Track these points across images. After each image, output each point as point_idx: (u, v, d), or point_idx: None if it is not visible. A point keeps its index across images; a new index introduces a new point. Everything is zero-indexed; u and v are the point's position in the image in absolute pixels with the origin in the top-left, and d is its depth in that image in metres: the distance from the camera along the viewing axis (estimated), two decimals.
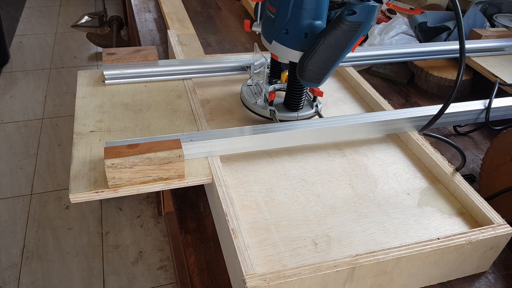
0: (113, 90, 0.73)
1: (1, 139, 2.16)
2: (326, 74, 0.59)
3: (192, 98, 0.72)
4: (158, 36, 1.15)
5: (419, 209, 0.59)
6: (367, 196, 0.60)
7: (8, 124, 2.26)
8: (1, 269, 1.56)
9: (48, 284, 1.53)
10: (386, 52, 0.89)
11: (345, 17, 0.53)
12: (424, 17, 1.10)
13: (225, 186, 0.55)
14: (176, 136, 0.58)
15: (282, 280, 0.45)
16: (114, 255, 1.66)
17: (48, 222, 1.75)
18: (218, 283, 0.55)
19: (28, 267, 1.58)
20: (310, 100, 0.73)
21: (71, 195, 0.52)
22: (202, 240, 0.60)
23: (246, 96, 0.73)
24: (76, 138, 0.61)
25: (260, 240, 0.52)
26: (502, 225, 0.54)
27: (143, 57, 0.76)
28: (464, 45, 0.55)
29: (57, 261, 1.61)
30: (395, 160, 0.67)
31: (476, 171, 0.75)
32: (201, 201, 0.65)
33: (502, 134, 0.67)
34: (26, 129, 2.24)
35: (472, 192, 0.59)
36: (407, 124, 0.69)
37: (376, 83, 1.00)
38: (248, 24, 0.70)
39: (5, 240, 1.67)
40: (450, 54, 0.94)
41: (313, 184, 0.61)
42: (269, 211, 0.56)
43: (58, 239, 1.68)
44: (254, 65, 0.74)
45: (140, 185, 0.54)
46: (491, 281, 0.57)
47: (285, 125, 0.64)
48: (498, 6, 1.16)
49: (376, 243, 0.53)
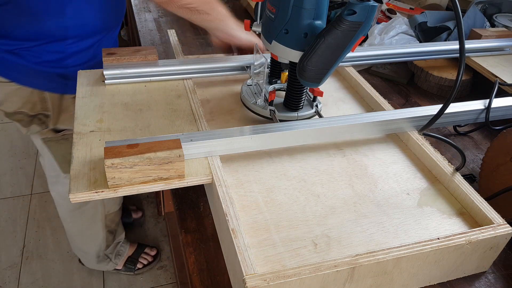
0: (113, 90, 0.73)
1: (1, 139, 2.16)
2: (326, 74, 0.59)
3: (192, 98, 0.72)
4: (158, 36, 1.15)
5: (419, 209, 0.59)
6: (367, 196, 0.60)
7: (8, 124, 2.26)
8: (1, 269, 1.56)
9: (48, 284, 1.53)
10: (386, 52, 0.89)
11: (345, 17, 0.53)
12: (424, 17, 1.10)
13: (225, 186, 0.55)
14: (176, 136, 0.58)
15: (282, 280, 0.45)
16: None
17: (48, 222, 1.75)
18: (218, 283, 0.55)
19: (28, 267, 1.58)
20: (310, 100, 0.73)
21: (71, 195, 0.52)
22: (202, 240, 0.60)
23: (246, 96, 0.73)
24: (76, 138, 0.61)
25: (260, 241, 0.52)
26: (502, 225, 0.54)
27: (143, 57, 0.76)
28: (464, 45, 0.55)
29: (57, 261, 1.61)
30: (395, 160, 0.67)
31: (476, 171, 0.75)
32: (201, 201, 0.65)
33: (502, 134, 0.67)
34: None
35: (472, 192, 0.59)
36: (407, 124, 0.69)
37: (376, 83, 1.00)
38: (248, 24, 0.70)
39: (5, 240, 1.67)
40: (450, 54, 0.94)
41: (313, 184, 0.61)
42: (269, 211, 0.56)
43: (58, 239, 1.68)
44: (254, 65, 0.74)
45: (140, 185, 0.54)
46: (491, 281, 0.57)
47: (285, 125, 0.64)
48: (498, 6, 1.16)
49: (376, 243, 0.53)
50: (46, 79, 0.94)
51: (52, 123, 1.03)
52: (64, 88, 0.97)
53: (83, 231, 1.35)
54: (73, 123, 0.64)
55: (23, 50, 0.89)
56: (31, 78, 0.94)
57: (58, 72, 0.93)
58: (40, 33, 0.87)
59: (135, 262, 1.56)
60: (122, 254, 1.52)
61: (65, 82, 0.95)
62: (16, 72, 0.92)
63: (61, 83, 0.96)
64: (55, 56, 0.91)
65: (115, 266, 1.52)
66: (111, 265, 1.50)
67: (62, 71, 0.93)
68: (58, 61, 0.92)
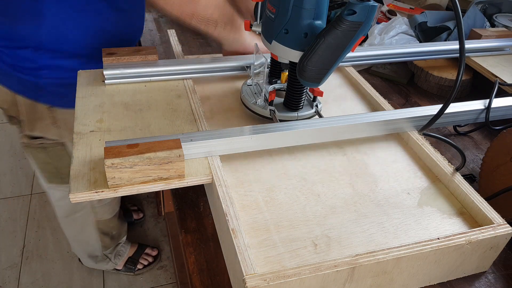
0: (113, 90, 0.73)
1: (1, 139, 2.16)
2: (326, 74, 0.59)
3: (192, 98, 0.72)
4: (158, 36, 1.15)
5: (419, 209, 0.59)
6: (367, 195, 0.60)
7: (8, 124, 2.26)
8: (1, 269, 1.56)
9: (48, 284, 1.53)
10: (386, 52, 0.89)
11: (345, 17, 0.53)
12: (424, 17, 1.10)
13: (225, 186, 0.55)
14: (176, 136, 0.58)
15: (282, 280, 0.45)
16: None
17: (48, 222, 1.75)
18: (218, 283, 0.55)
19: (28, 267, 1.58)
20: (310, 100, 0.73)
21: (71, 195, 0.52)
22: (202, 240, 0.60)
23: (246, 96, 0.73)
24: (76, 138, 0.61)
25: (260, 241, 0.52)
26: (502, 225, 0.54)
27: (143, 57, 0.76)
28: (464, 45, 0.55)
29: (57, 261, 1.61)
30: (396, 159, 0.67)
31: (476, 171, 0.75)
32: (201, 201, 0.65)
33: (502, 134, 0.67)
34: None
35: (472, 192, 0.59)
36: (407, 124, 0.69)
37: (376, 83, 1.00)
38: (248, 24, 0.70)
39: (5, 240, 1.67)
40: (450, 54, 0.94)
41: (314, 184, 0.61)
42: (269, 211, 0.56)
43: (58, 239, 1.68)
44: (254, 65, 0.74)
45: (140, 185, 0.54)
46: (491, 281, 0.57)
47: (285, 125, 0.64)
48: (498, 6, 1.16)
49: (376, 243, 0.53)
50: (18, 82, 0.88)
51: (27, 128, 0.97)
52: (36, 96, 0.91)
53: (77, 234, 1.35)
54: (51, 132, 0.62)
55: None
56: (4, 77, 0.89)
57: (30, 80, 0.87)
58: (14, 36, 0.82)
59: (136, 263, 1.56)
60: (123, 255, 1.52)
61: (37, 91, 0.89)
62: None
63: (34, 91, 0.90)
64: (27, 63, 0.85)
65: (115, 266, 1.52)
66: (110, 265, 1.50)
67: (35, 80, 0.87)
68: (31, 69, 0.85)
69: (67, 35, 0.83)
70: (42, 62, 0.85)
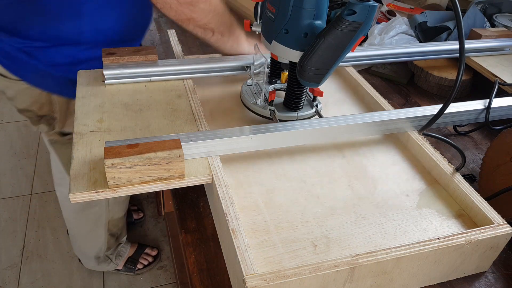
0: (113, 90, 0.73)
1: (1, 139, 2.16)
2: (326, 74, 0.59)
3: (192, 98, 0.72)
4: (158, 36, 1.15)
5: (418, 210, 0.59)
6: (367, 197, 0.60)
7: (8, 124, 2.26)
8: (1, 269, 1.56)
9: (48, 284, 1.53)
10: (386, 52, 0.89)
11: (345, 17, 0.53)
12: (424, 17, 1.10)
13: (225, 186, 0.55)
14: (176, 136, 0.58)
15: (282, 280, 0.45)
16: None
17: (48, 222, 1.75)
18: (218, 283, 0.55)
19: (28, 267, 1.58)
20: (310, 100, 0.73)
21: (71, 195, 0.52)
22: (202, 240, 0.60)
23: (246, 96, 0.73)
24: (76, 138, 0.61)
25: (259, 242, 0.52)
26: (502, 225, 0.54)
27: (143, 57, 0.76)
28: (464, 45, 0.55)
29: (57, 261, 1.61)
30: (395, 162, 0.67)
31: (476, 171, 0.75)
32: (201, 201, 0.65)
33: (502, 134, 0.67)
34: (26, 129, 2.24)
35: (472, 192, 0.59)
36: (407, 124, 0.69)
37: (376, 83, 1.00)
38: (248, 24, 0.70)
39: (5, 240, 1.67)
40: (450, 54, 0.94)
41: (313, 186, 0.61)
42: (268, 212, 0.56)
43: (58, 239, 1.68)
44: (254, 65, 0.74)
45: (140, 185, 0.54)
46: (491, 281, 0.57)
47: (285, 125, 0.64)
48: (498, 6, 1.16)
49: (375, 245, 0.53)
50: (55, 81, 0.91)
51: (58, 126, 1.01)
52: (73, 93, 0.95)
53: (85, 233, 1.35)
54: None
55: (35, 50, 0.86)
56: (40, 79, 0.92)
57: (68, 76, 0.90)
58: (54, 35, 0.84)
59: (135, 263, 1.56)
60: (123, 255, 1.52)
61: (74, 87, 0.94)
62: (26, 71, 0.90)
63: (70, 88, 0.91)
64: (66, 60, 0.88)
65: (116, 266, 1.52)
66: (111, 265, 1.50)
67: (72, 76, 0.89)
68: (70, 65, 0.88)
69: (105, 25, 0.86)
70: (81, 56, 0.88)
